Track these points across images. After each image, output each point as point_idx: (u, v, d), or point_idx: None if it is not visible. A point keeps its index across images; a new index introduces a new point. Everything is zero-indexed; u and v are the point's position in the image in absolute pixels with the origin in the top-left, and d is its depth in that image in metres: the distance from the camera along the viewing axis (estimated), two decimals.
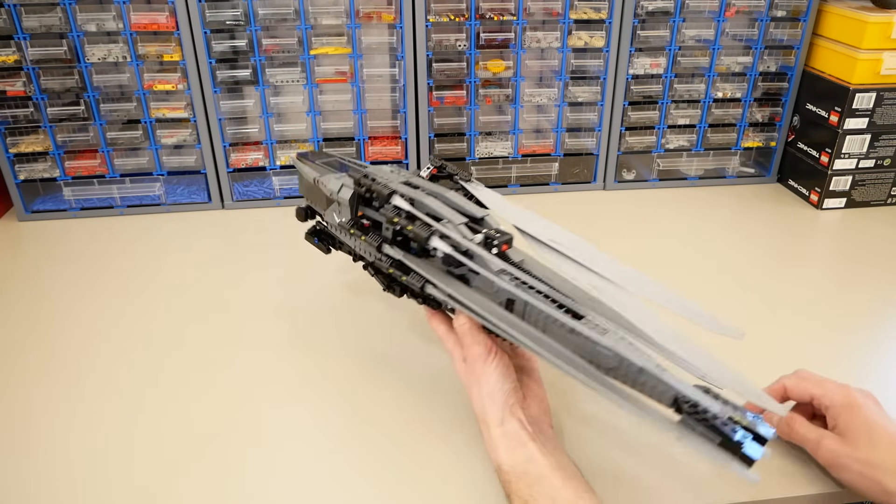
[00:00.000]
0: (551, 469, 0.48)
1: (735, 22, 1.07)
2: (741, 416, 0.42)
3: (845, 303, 0.83)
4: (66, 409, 0.65)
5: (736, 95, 1.12)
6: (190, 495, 0.55)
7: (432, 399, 0.65)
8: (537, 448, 0.49)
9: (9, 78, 0.96)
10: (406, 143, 1.09)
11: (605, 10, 1.03)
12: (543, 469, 0.48)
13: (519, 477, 0.49)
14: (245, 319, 0.78)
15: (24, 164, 1.02)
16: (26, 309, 0.82)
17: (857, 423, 0.52)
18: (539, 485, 0.48)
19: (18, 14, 0.93)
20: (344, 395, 0.66)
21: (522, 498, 0.48)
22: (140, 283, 0.87)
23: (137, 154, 1.05)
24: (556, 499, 0.47)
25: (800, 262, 0.94)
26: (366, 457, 0.59)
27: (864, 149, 1.05)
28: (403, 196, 0.56)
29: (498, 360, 0.53)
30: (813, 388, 0.56)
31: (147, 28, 0.96)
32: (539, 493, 0.47)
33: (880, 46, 0.99)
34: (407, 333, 0.75)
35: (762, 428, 0.42)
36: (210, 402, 0.66)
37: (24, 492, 0.56)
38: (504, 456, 0.50)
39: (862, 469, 0.51)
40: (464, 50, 1.03)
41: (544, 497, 0.47)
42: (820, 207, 1.08)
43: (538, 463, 0.49)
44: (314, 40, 1.00)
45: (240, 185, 1.09)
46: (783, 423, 0.57)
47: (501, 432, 0.51)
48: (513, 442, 0.50)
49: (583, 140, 1.13)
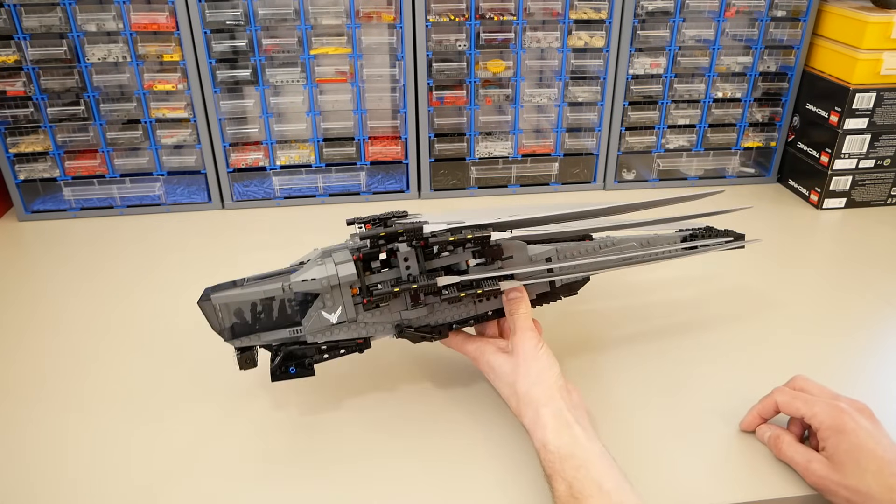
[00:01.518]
0: (597, 455, 0.50)
1: (735, 22, 1.07)
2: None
3: (845, 303, 0.83)
4: (66, 409, 0.65)
5: (736, 95, 1.12)
6: (190, 494, 0.55)
7: (449, 394, 0.65)
8: (583, 432, 0.51)
9: (9, 78, 0.96)
10: (406, 143, 1.09)
11: (605, 10, 1.03)
12: (589, 454, 0.50)
13: (564, 458, 0.50)
14: None
15: (24, 164, 1.02)
16: (26, 309, 0.82)
17: (845, 447, 0.51)
18: (585, 468, 0.49)
19: (18, 14, 0.93)
20: (346, 395, 0.66)
21: (567, 480, 0.49)
22: (140, 283, 0.87)
23: (137, 154, 1.05)
24: (602, 485, 0.48)
25: (799, 263, 0.94)
26: (369, 455, 0.59)
27: (864, 149, 1.05)
28: (427, 223, 0.58)
29: (546, 347, 0.58)
30: (803, 408, 0.55)
31: (147, 28, 0.96)
32: (585, 476, 0.48)
33: (880, 46, 0.99)
34: None
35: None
36: (210, 401, 0.66)
37: (25, 492, 0.56)
38: (551, 436, 0.51)
39: (849, 496, 0.50)
40: (464, 50, 1.03)
41: (590, 481, 0.48)
42: (820, 207, 1.08)
43: (584, 447, 0.50)
44: (314, 40, 1.00)
45: (240, 185, 1.09)
46: (772, 442, 0.57)
47: (550, 411, 0.53)
48: (560, 423, 0.52)
49: (583, 140, 1.13)
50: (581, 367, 0.69)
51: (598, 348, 0.73)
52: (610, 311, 0.80)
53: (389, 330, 0.60)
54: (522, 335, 0.58)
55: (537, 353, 0.57)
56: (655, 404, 0.65)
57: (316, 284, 0.55)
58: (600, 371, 0.69)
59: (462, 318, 0.62)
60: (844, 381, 0.66)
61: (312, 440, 0.61)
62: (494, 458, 0.58)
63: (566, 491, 0.48)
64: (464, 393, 0.66)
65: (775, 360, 0.72)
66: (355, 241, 0.59)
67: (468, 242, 0.57)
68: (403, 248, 0.56)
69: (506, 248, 0.59)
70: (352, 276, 0.56)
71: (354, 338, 0.60)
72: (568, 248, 0.63)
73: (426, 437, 0.61)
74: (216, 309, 0.56)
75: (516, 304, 0.60)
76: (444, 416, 0.63)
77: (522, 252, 0.61)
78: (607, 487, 0.47)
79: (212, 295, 0.56)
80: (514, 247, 0.60)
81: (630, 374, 0.69)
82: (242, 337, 0.58)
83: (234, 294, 0.56)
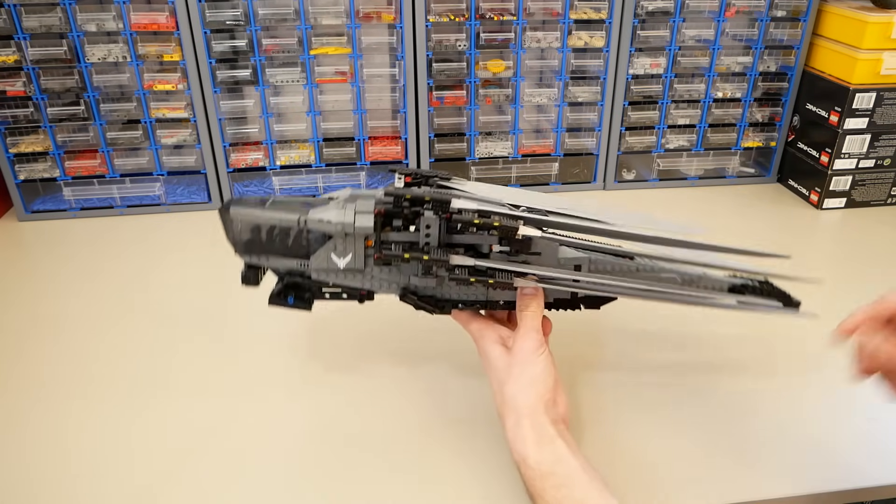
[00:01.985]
0: (578, 471, 0.47)
1: (735, 22, 1.07)
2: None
3: (845, 303, 0.83)
4: (66, 409, 0.65)
5: (736, 95, 1.12)
6: (190, 494, 0.55)
7: (449, 396, 0.65)
8: (566, 447, 0.49)
9: (9, 78, 0.96)
10: (406, 143, 1.09)
11: (605, 10, 1.03)
12: (571, 470, 0.48)
13: (545, 476, 0.48)
14: (246, 319, 0.78)
15: (24, 164, 1.02)
16: (26, 308, 0.82)
17: None
18: (567, 487, 0.47)
19: (18, 14, 0.93)
20: (347, 394, 0.66)
21: (547, 501, 0.47)
22: (140, 282, 0.87)
23: (137, 154, 1.05)
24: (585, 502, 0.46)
25: (799, 263, 0.94)
26: (371, 454, 0.59)
27: (864, 149, 1.05)
28: (460, 197, 0.54)
29: (548, 353, 0.55)
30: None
31: (147, 28, 0.96)
32: (566, 497, 0.46)
33: (880, 46, 0.99)
34: (415, 329, 0.75)
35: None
36: (211, 401, 0.66)
37: (25, 492, 0.56)
38: (531, 451, 0.49)
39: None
40: (464, 50, 1.03)
41: (572, 501, 0.46)
42: (820, 207, 1.08)
43: (566, 464, 0.48)
44: (314, 40, 1.00)
45: (240, 185, 1.09)
46: (864, 357, 0.49)
47: (531, 423, 0.50)
48: (541, 437, 0.49)
49: (583, 140, 1.13)
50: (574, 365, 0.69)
51: (592, 354, 0.73)
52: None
53: (395, 290, 0.59)
54: (526, 335, 0.55)
55: (535, 358, 0.54)
56: (647, 400, 0.65)
57: (330, 227, 0.55)
58: (593, 373, 0.69)
59: (470, 300, 0.60)
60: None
61: (315, 438, 0.61)
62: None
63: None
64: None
65: (774, 360, 0.72)
66: (386, 194, 0.56)
67: (493, 229, 0.53)
68: (429, 215, 0.53)
69: (536, 243, 0.56)
70: (368, 228, 0.54)
71: (358, 287, 0.59)
72: (603, 261, 0.58)
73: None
74: (234, 222, 0.57)
75: (528, 300, 0.57)
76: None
77: (552, 252, 0.57)
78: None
79: (232, 207, 0.56)
80: (544, 243, 0.57)
81: (625, 374, 0.69)
82: (253, 255, 0.58)
83: (251, 213, 0.56)
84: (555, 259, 0.57)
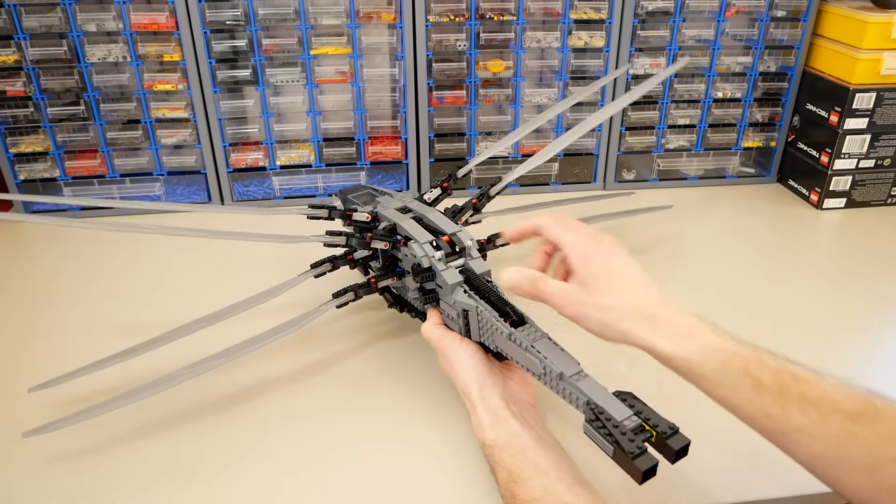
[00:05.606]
0: (533, 441, 0.50)
1: (735, 22, 1.07)
2: (658, 425, 0.46)
3: (845, 303, 0.83)
4: (65, 409, 0.65)
5: (736, 95, 1.12)
6: (191, 493, 0.55)
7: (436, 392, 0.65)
8: (518, 423, 0.52)
9: (9, 78, 0.96)
10: (406, 143, 1.09)
11: (605, 10, 1.03)
12: (525, 441, 0.50)
13: (502, 448, 0.51)
14: (246, 318, 0.78)
15: (24, 164, 1.02)
16: (26, 309, 0.82)
17: (593, 269, 0.51)
18: (522, 454, 0.50)
19: (18, 14, 0.93)
20: (348, 391, 0.66)
21: (506, 468, 0.49)
22: (140, 282, 0.87)
23: (137, 154, 1.05)
24: (539, 464, 0.48)
25: (800, 263, 0.94)
26: (369, 449, 0.59)
27: (864, 149, 1.05)
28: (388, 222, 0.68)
29: (466, 344, 0.59)
30: (560, 233, 0.54)
31: (147, 28, 0.96)
32: (522, 461, 0.49)
33: (880, 46, 0.99)
34: (415, 327, 0.75)
35: (674, 440, 0.46)
36: (211, 401, 0.66)
37: (26, 491, 0.56)
38: (489, 431, 0.52)
39: (601, 316, 0.49)
40: (464, 50, 1.03)
41: (528, 464, 0.49)
42: (820, 207, 1.08)
43: (521, 436, 0.51)
44: (314, 40, 1.00)
45: (240, 185, 1.09)
46: (527, 283, 0.53)
47: (484, 409, 0.54)
48: (496, 418, 0.53)
49: (583, 140, 1.13)
50: None
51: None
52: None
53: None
54: (442, 342, 0.60)
55: (457, 352, 0.58)
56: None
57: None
58: None
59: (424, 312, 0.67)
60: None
61: (315, 438, 0.61)
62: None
63: (507, 477, 0.49)
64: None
65: None
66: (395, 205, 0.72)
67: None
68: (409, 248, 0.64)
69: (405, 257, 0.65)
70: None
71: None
72: (488, 317, 0.56)
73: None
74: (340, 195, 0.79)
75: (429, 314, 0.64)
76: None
77: (452, 289, 0.60)
78: (544, 466, 0.48)
79: (345, 193, 0.79)
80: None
81: (619, 371, 0.69)
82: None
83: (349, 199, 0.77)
84: (449, 297, 0.60)
